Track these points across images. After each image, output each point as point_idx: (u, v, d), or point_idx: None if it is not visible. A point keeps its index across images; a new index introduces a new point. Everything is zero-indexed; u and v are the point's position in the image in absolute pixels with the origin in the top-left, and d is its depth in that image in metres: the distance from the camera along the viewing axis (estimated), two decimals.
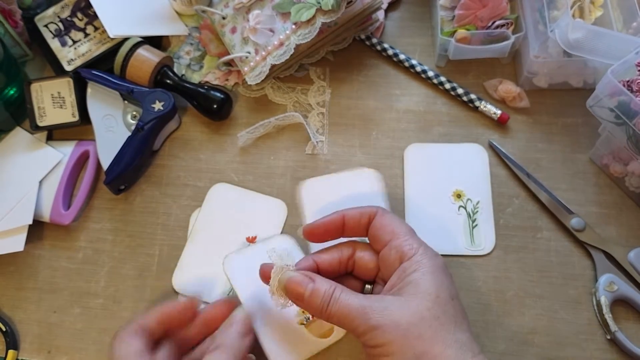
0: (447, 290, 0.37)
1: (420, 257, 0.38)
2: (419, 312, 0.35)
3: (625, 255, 0.49)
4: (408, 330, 0.34)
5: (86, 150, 0.56)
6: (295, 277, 0.38)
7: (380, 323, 0.35)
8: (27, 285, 0.53)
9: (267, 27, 0.55)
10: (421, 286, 0.36)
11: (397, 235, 0.39)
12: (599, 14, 0.51)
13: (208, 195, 0.54)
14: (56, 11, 0.59)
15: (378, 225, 0.41)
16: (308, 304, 0.38)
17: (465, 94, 0.56)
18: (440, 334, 0.34)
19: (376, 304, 0.36)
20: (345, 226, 0.42)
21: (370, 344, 0.36)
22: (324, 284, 0.38)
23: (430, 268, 0.37)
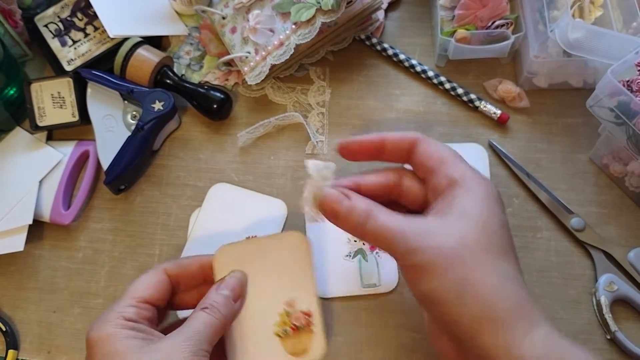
0: (496, 218, 0.34)
1: (470, 182, 0.35)
2: (463, 237, 0.33)
3: (625, 255, 0.49)
4: (450, 256, 0.32)
5: (86, 150, 0.56)
6: (331, 193, 0.36)
7: (420, 245, 0.33)
8: (27, 285, 0.53)
9: (267, 27, 0.55)
10: (468, 211, 0.34)
11: (444, 161, 0.36)
12: (598, 13, 0.51)
13: (208, 195, 0.54)
14: (56, 11, 0.59)
15: (422, 151, 0.37)
16: (344, 221, 0.36)
17: (465, 94, 0.56)
18: (484, 261, 0.32)
19: (418, 224, 0.34)
20: (384, 148, 0.39)
21: (408, 264, 0.34)
22: (361, 201, 0.35)
23: (480, 194, 0.35)
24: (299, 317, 0.43)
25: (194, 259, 0.41)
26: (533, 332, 0.31)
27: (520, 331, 0.31)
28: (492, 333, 0.31)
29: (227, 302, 0.38)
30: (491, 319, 0.31)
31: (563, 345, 0.32)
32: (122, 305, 0.36)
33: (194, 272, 0.41)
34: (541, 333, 0.31)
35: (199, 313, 0.37)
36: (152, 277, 0.39)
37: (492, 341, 0.31)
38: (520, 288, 0.33)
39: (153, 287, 0.38)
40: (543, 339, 0.31)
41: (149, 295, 0.38)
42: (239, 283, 0.40)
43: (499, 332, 0.31)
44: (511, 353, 0.31)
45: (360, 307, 0.49)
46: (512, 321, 0.31)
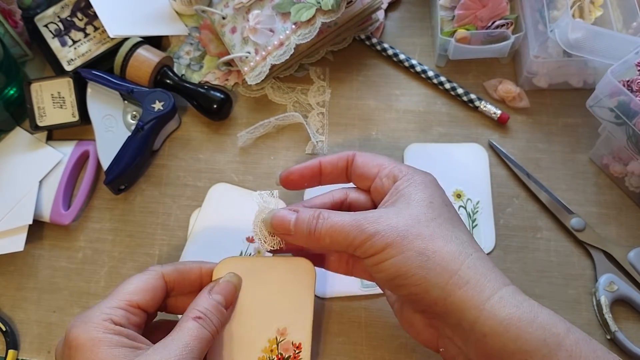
0: (439, 198, 0.37)
1: (410, 176, 0.38)
2: (414, 215, 0.35)
3: (625, 255, 0.49)
4: (406, 231, 0.34)
5: (86, 150, 0.56)
6: (278, 213, 0.38)
7: (377, 229, 0.34)
8: (27, 285, 0.53)
9: (267, 27, 0.55)
10: (414, 196, 0.36)
11: (383, 166, 0.39)
12: (598, 13, 0.51)
13: (208, 195, 0.54)
14: (56, 11, 0.59)
15: (360, 163, 0.40)
16: (296, 234, 0.37)
17: (465, 93, 0.56)
18: (439, 231, 0.34)
19: (370, 214, 0.35)
20: (322, 171, 0.41)
21: (369, 253, 0.35)
22: (307, 210, 0.37)
23: (422, 182, 0.37)
24: (288, 348, 0.42)
25: (194, 266, 0.39)
26: (501, 290, 0.33)
27: (488, 289, 0.33)
28: (462, 293, 0.33)
29: (218, 310, 0.37)
30: (458, 283, 0.33)
31: (529, 301, 0.33)
32: (111, 307, 0.34)
33: (193, 279, 0.39)
34: (509, 289, 0.33)
35: (191, 323, 0.35)
36: (149, 280, 0.37)
37: (463, 300, 0.33)
38: (477, 251, 0.35)
39: (148, 291, 0.36)
40: (511, 295, 0.33)
41: (143, 300, 0.36)
42: (232, 289, 0.38)
43: (468, 291, 0.33)
44: (483, 308, 0.32)
45: (360, 307, 0.49)
46: (478, 281, 0.33)
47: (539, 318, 0.32)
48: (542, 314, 0.33)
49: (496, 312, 0.32)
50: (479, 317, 0.32)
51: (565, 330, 0.32)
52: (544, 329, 0.32)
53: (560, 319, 0.33)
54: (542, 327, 0.32)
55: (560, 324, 0.33)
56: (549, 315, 0.33)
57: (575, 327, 0.34)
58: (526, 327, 0.32)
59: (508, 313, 0.32)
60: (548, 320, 0.32)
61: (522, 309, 0.32)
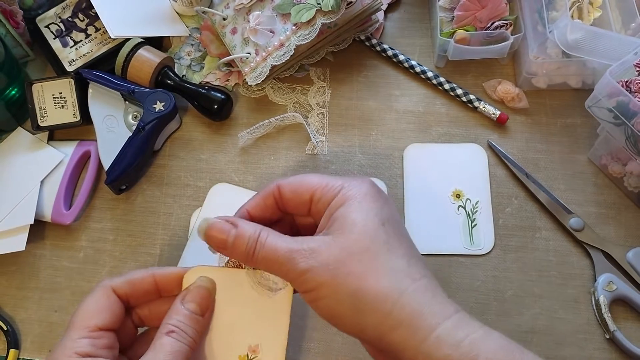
0: (375, 217, 0.34)
1: (345, 191, 0.35)
2: (347, 247, 0.33)
3: (624, 255, 0.49)
4: (337, 269, 0.32)
5: (87, 150, 0.56)
6: (216, 222, 0.35)
7: (309, 266, 0.32)
8: (29, 285, 0.53)
9: (268, 28, 0.55)
10: (347, 219, 0.34)
11: (314, 188, 0.36)
12: (597, 14, 0.51)
13: (209, 195, 0.54)
14: (57, 12, 0.60)
15: (288, 194, 0.37)
16: (232, 251, 0.35)
17: (464, 94, 0.56)
18: (372, 265, 0.32)
19: (304, 245, 0.33)
20: (253, 218, 0.37)
21: (302, 289, 0.34)
22: (248, 227, 0.34)
23: (356, 199, 0.34)
24: None
25: (147, 274, 0.37)
26: (441, 326, 0.31)
27: (424, 329, 0.31)
28: (396, 335, 0.31)
29: (193, 319, 0.35)
30: (392, 325, 0.31)
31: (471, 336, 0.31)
32: (73, 339, 0.33)
33: (147, 289, 0.37)
34: (450, 323, 0.31)
35: (165, 339, 0.33)
36: (101, 299, 0.35)
37: (398, 342, 0.31)
38: (414, 282, 0.32)
39: (103, 310, 0.34)
40: (452, 331, 0.31)
41: (102, 322, 0.34)
42: (206, 293, 0.36)
43: (402, 337, 0.31)
44: (418, 351, 0.31)
45: None
46: (412, 321, 0.31)
47: (479, 357, 0.30)
48: (483, 351, 0.30)
49: (432, 355, 0.30)
50: (414, 358, 0.31)
51: None
52: None
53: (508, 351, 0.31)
54: None
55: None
56: (491, 352, 0.30)
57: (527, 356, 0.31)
58: None
59: (444, 355, 0.30)
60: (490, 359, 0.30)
61: (460, 350, 0.30)
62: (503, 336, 0.32)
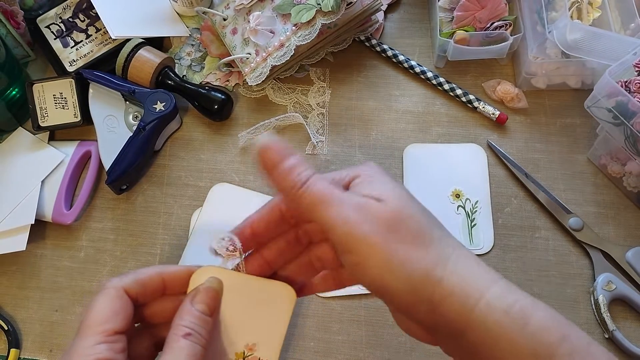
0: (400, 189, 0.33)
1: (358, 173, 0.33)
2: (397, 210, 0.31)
3: (623, 255, 0.49)
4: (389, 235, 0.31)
5: (88, 150, 0.56)
6: (275, 143, 0.32)
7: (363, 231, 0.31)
8: (29, 285, 0.53)
9: (268, 29, 0.55)
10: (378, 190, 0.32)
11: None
12: (597, 15, 0.51)
13: (209, 195, 0.54)
14: (58, 12, 0.60)
15: None
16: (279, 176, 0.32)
17: (464, 94, 0.56)
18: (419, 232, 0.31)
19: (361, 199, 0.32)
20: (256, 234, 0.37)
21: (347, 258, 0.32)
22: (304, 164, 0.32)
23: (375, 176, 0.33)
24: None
25: (155, 273, 0.36)
26: (489, 290, 0.31)
27: (474, 295, 0.31)
28: (447, 305, 0.31)
29: (203, 320, 0.34)
30: (444, 293, 0.31)
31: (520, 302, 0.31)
32: (90, 345, 0.32)
33: (155, 288, 0.36)
34: (498, 289, 0.31)
35: (182, 342, 0.33)
36: (115, 301, 0.34)
37: (449, 311, 0.31)
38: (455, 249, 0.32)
39: (118, 313, 0.33)
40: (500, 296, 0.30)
41: (117, 326, 0.33)
42: (214, 294, 0.36)
43: (454, 303, 0.31)
44: (470, 318, 0.30)
45: (360, 306, 0.50)
46: (463, 288, 0.31)
47: (530, 324, 0.30)
48: (534, 318, 0.30)
49: (484, 320, 0.30)
50: (467, 327, 0.31)
51: (559, 339, 0.30)
52: (534, 338, 0.30)
53: (557, 321, 0.31)
54: (533, 336, 0.30)
55: (554, 330, 0.30)
56: (542, 320, 0.30)
57: (574, 330, 0.31)
58: (516, 336, 0.30)
59: (496, 320, 0.30)
60: (540, 327, 0.30)
61: (511, 315, 0.30)
62: (548, 307, 0.32)
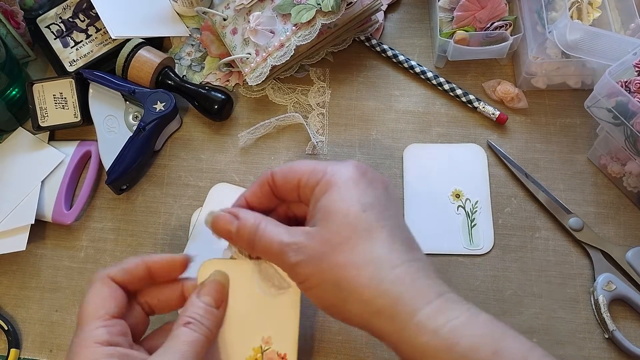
0: (356, 204, 0.34)
1: (328, 177, 0.36)
2: (328, 239, 0.34)
3: (623, 255, 0.49)
4: (321, 261, 0.33)
5: (88, 150, 0.56)
6: (219, 216, 0.38)
7: (297, 260, 0.34)
8: (29, 285, 0.53)
9: (268, 29, 0.55)
10: (328, 209, 0.35)
11: (301, 174, 0.37)
12: (597, 15, 0.51)
13: (209, 195, 0.54)
14: (58, 12, 0.60)
15: (279, 181, 0.38)
16: (237, 241, 0.37)
17: (464, 94, 0.56)
18: (353, 255, 0.33)
19: (293, 239, 0.35)
20: (250, 205, 0.39)
21: (296, 280, 0.35)
22: (249, 218, 0.36)
23: (337, 185, 0.35)
24: (273, 357, 0.40)
25: (139, 262, 0.39)
26: (422, 311, 0.32)
27: (404, 315, 0.32)
28: (377, 322, 0.33)
29: (209, 311, 0.37)
30: (373, 312, 0.33)
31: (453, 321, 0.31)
32: (89, 330, 0.34)
33: (141, 275, 0.38)
34: (432, 308, 0.32)
35: (182, 330, 0.35)
36: (103, 289, 0.36)
37: (380, 328, 0.33)
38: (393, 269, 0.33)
39: (109, 299, 0.36)
40: (433, 316, 0.31)
41: (110, 309, 0.35)
42: (220, 287, 0.38)
43: (383, 324, 0.33)
44: (399, 337, 0.32)
45: None
46: (391, 311, 0.32)
47: (459, 344, 0.30)
48: (464, 338, 0.31)
49: (413, 341, 0.31)
50: (397, 344, 0.32)
51: (491, 355, 0.30)
52: (463, 357, 0.30)
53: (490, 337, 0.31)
54: (462, 355, 0.30)
55: (485, 348, 0.30)
56: (473, 339, 0.31)
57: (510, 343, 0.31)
58: (444, 357, 0.30)
59: (424, 342, 0.31)
60: (470, 346, 0.30)
61: (440, 336, 0.31)
62: (490, 320, 0.32)
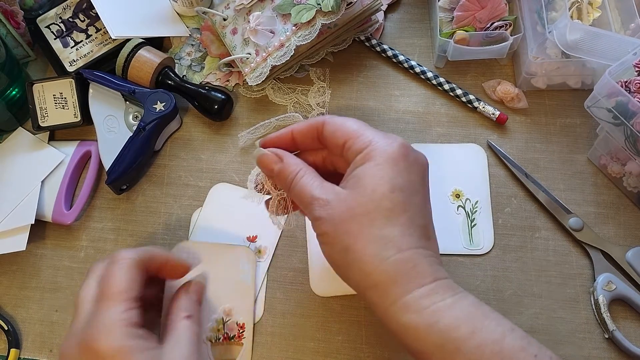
0: (387, 184, 0.36)
1: (370, 148, 0.37)
2: (352, 208, 0.36)
3: (623, 255, 0.49)
4: (338, 225, 0.36)
5: (88, 150, 0.56)
6: (266, 154, 0.41)
7: (320, 215, 0.36)
8: (29, 285, 0.53)
9: (268, 29, 0.55)
10: (361, 180, 0.36)
11: (349, 136, 0.38)
12: (597, 15, 0.51)
13: (209, 195, 0.55)
14: (58, 12, 0.60)
15: (328, 133, 0.40)
16: (276, 179, 0.41)
17: (464, 94, 0.56)
18: (366, 229, 0.35)
19: (323, 195, 0.37)
20: (295, 140, 0.42)
21: (315, 231, 0.38)
22: (291, 163, 0.40)
23: (378, 160, 0.37)
24: (233, 327, 0.47)
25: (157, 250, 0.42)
26: (412, 293, 0.34)
27: (394, 294, 0.34)
28: (370, 294, 0.35)
29: (197, 306, 0.42)
30: (369, 285, 0.35)
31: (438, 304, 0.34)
32: (121, 311, 0.36)
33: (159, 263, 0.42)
34: (422, 291, 0.34)
35: (185, 323, 0.40)
36: (132, 270, 0.38)
37: (372, 301, 0.36)
38: (400, 253, 0.35)
39: (137, 282, 0.38)
40: (420, 299, 0.34)
41: (139, 293, 0.38)
42: (202, 287, 0.44)
43: (375, 296, 0.35)
44: (386, 312, 0.35)
45: (360, 306, 0.50)
46: (385, 288, 0.35)
47: (439, 323, 0.33)
48: (445, 317, 0.33)
49: (397, 318, 0.34)
50: (383, 318, 0.35)
51: (469, 333, 0.33)
52: (441, 334, 0.33)
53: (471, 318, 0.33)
54: (440, 332, 0.33)
55: (464, 327, 0.33)
56: (453, 319, 0.33)
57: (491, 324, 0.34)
58: (423, 333, 0.33)
59: (407, 319, 0.34)
60: (449, 324, 0.33)
61: (422, 316, 0.33)
62: (476, 303, 0.35)
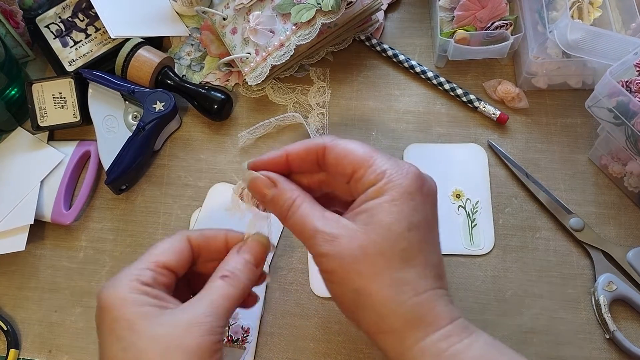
0: (403, 221, 0.33)
1: (385, 181, 0.34)
2: (364, 247, 0.33)
3: (624, 255, 0.49)
4: (349, 264, 0.33)
5: (87, 150, 0.56)
6: (259, 178, 0.37)
7: (326, 251, 0.33)
8: (29, 285, 0.53)
9: (268, 28, 0.55)
10: (375, 216, 0.33)
11: (359, 165, 0.35)
12: (597, 14, 0.51)
13: (209, 195, 0.54)
14: (57, 12, 0.60)
15: (332, 160, 0.36)
16: (269, 206, 0.37)
17: (464, 94, 0.56)
18: (381, 271, 0.32)
19: (328, 229, 0.34)
20: (289, 163, 0.37)
21: (319, 268, 0.35)
22: (286, 190, 0.36)
23: (393, 194, 0.33)
24: (238, 331, 0.46)
25: (220, 233, 0.39)
26: (429, 337, 0.32)
27: (411, 339, 0.32)
28: (384, 338, 0.33)
29: (248, 267, 0.36)
30: (384, 329, 0.33)
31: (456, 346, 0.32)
32: (140, 268, 0.35)
33: (219, 246, 0.39)
34: (439, 335, 0.32)
35: (218, 282, 0.35)
36: (175, 242, 0.37)
37: (385, 345, 0.33)
38: (417, 296, 0.33)
39: (174, 252, 0.37)
40: (437, 343, 0.32)
41: (169, 261, 0.36)
42: (261, 248, 0.38)
43: (389, 341, 0.33)
44: (403, 358, 0.32)
45: None
46: (402, 332, 0.32)
47: None
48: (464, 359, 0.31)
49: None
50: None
51: None
52: None
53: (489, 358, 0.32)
54: None
55: None
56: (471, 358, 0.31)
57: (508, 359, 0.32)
58: None
59: None
60: None
61: (442, 359, 0.31)
62: (490, 341, 0.33)
